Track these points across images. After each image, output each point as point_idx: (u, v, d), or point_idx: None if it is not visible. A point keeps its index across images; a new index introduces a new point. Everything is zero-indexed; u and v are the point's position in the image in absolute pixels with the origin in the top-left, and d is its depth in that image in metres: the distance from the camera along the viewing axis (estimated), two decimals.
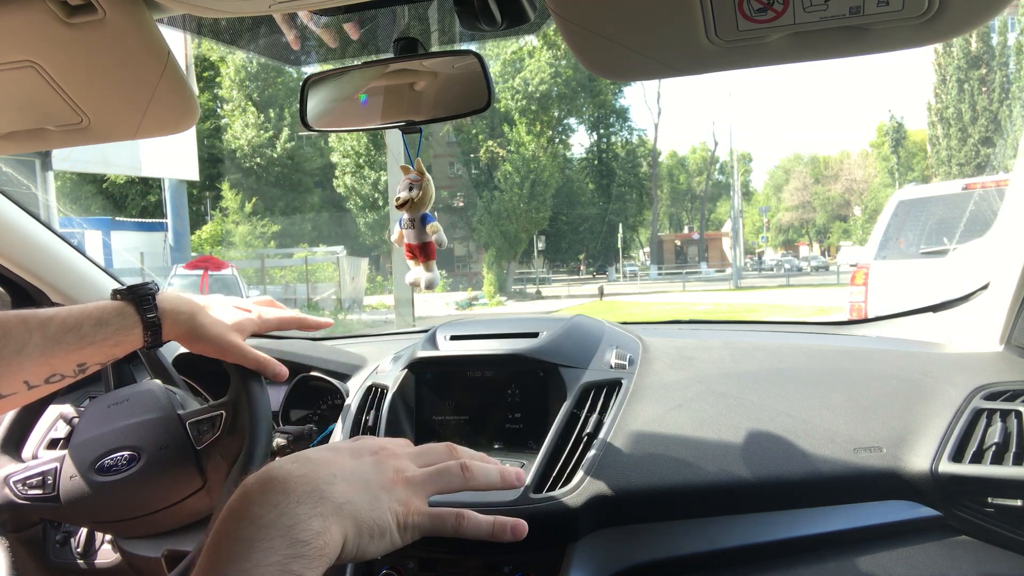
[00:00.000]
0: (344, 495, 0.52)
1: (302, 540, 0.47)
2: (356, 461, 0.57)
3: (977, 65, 29.72)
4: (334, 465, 0.55)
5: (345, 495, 0.52)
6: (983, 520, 0.86)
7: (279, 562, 0.45)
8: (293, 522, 0.47)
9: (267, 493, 0.49)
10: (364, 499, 0.53)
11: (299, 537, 0.47)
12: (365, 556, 0.53)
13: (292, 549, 0.46)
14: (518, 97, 27.94)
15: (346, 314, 18.78)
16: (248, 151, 25.81)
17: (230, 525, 0.47)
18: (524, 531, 0.62)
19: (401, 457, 0.61)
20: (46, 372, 0.78)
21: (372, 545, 0.53)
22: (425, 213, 0.97)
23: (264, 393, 0.91)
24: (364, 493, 0.54)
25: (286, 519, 0.48)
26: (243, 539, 0.46)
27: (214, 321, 0.88)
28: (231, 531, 0.47)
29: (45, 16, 0.66)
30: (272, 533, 0.46)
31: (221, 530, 0.48)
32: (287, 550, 0.46)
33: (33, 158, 8.61)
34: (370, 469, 0.57)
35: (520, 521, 0.63)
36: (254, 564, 0.44)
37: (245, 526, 0.47)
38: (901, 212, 5.12)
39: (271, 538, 0.46)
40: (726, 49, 0.64)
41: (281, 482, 0.50)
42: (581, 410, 1.01)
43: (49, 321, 0.78)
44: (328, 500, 0.51)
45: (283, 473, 0.51)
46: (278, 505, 0.48)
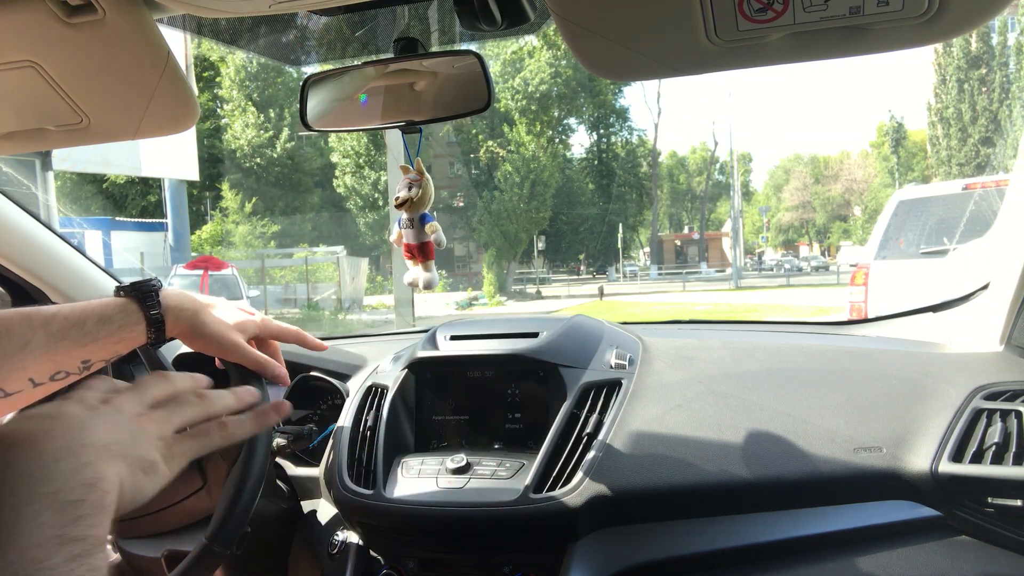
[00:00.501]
0: (104, 437, 0.48)
1: (74, 500, 0.41)
2: (92, 411, 0.52)
3: (977, 65, 29.72)
4: (75, 415, 0.49)
5: (105, 437, 0.48)
6: (983, 520, 0.86)
7: (54, 535, 0.39)
8: (56, 486, 0.41)
9: (9, 465, 0.42)
10: (125, 437, 0.50)
11: (68, 498, 0.41)
12: (144, 494, 0.50)
13: (65, 514, 0.40)
14: (518, 97, 27.94)
15: (346, 314, 18.77)
16: (248, 151, 25.81)
17: None
18: (287, 408, 0.67)
19: (127, 399, 0.56)
20: (51, 369, 0.78)
21: (147, 482, 0.50)
22: (424, 213, 0.97)
23: (265, 393, 0.91)
24: (121, 432, 0.51)
25: (46, 486, 0.41)
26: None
27: (217, 320, 0.88)
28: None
29: (45, 16, 0.66)
30: (34, 508, 0.40)
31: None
32: (59, 518, 0.40)
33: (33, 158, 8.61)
34: (112, 412, 0.53)
35: (281, 401, 0.67)
36: (21, 549, 0.38)
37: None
38: (901, 212, 5.12)
39: (35, 514, 0.39)
40: (726, 49, 0.64)
41: (22, 444, 0.43)
42: (581, 410, 1.01)
43: (53, 318, 0.78)
44: (90, 445, 0.46)
45: (21, 434, 0.44)
46: (30, 474, 0.41)
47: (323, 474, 1.13)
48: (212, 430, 0.59)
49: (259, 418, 0.64)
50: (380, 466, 1.03)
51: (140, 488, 0.50)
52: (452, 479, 0.98)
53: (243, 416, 0.63)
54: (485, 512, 0.93)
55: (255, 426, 0.63)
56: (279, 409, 0.65)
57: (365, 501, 0.99)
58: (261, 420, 0.64)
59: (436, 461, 1.02)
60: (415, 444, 1.11)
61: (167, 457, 0.54)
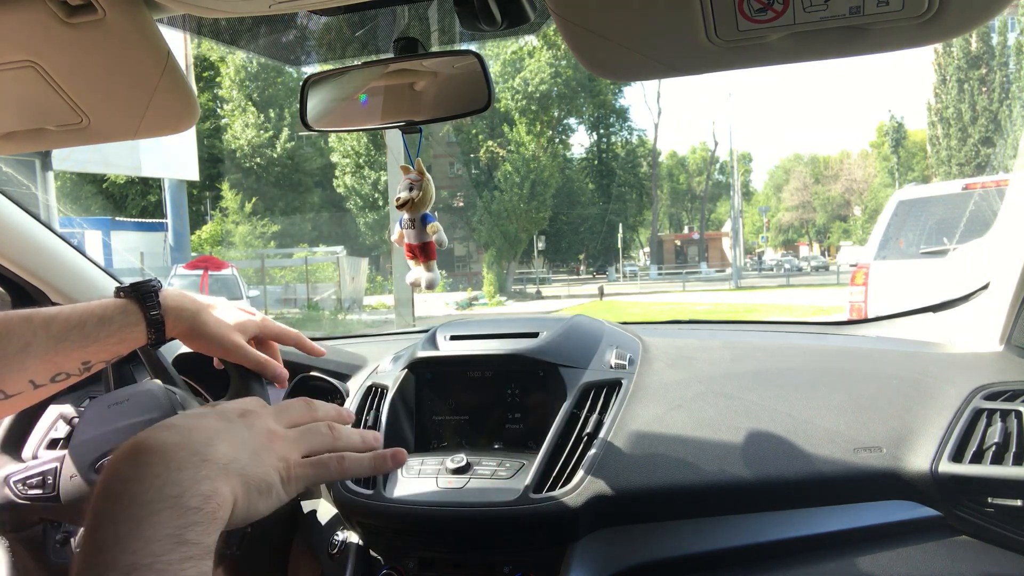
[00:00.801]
0: (226, 455, 0.51)
1: (192, 507, 0.45)
2: (227, 423, 0.56)
3: (977, 65, 29.71)
4: (207, 428, 0.53)
5: (227, 455, 0.51)
6: (983, 520, 0.86)
7: (172, 534, 0.43)
8: (179, 490, 0.45)
9: (143, 466, 0.46)
10: (246, 457, 0.53)
11: (188, 504, 0.45)
12: (257, 514, 0.52)
13: (184, 518, 0.44)
14: (518, 97, 27.94)
15: (346, 314, 18.76)
16: (248, 151, 25.81)
17: (109, 507, 0.44)
18: (404, 457, 0.66)
19: (265, 417, 0.60)
20: (51, 371, 0.78)
21: (262, 502, 0.53)
22: (425, 213, 0.97)
23: (264, 393, 0.91)
24: (244, 451, 0.53)
25: (170, 489, 0.45)
26: (125, 519, 0.43)
27: (217, 320, 0.88)
28: (111, 513, 0.44)
29: (45, 16, 0.66)
30: (158, 507, 0.44)
31: (99, 514, 0.44)
32: (178, 520, 0.44)
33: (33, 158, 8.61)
34: (244, 430, 0.56)
35: (399, 449, 0.66)
36: (144, 542, 0.42)
37: (125, 505, 0.44)
38: (901, 212, 5.12)
39: (158, 512, 0.44)
40: (726, 49, 0.64)
41: (157, 451, 0.48)
42: (581, 410, 1.01)
43: (53, 319, 0.78)
44: (211, 462, 0.49)
45: (156, 443, 0.49)
46: (159, 476, 0.46)
47: None
48: (331, 463, 0.60)
49: (377, 461, 0.64)
50: None
51: (254, 507, 0.52)
52: (452, 479, 0.98)
53: (363, 456, 0.63)
54: (485, 512, 0.93)
55: (371, 468, 0.63)
56: (396, 458, 0.65)
57: (365, 501, 0.99)
58: (379, 464, 0.64)
59: (436, 461, 1.02)
60: (415, 444, 1.11)
61: (285, 481, 0.56)
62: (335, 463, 0.60)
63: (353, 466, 0.61)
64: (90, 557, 0.42)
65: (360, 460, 0.62)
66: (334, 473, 0.60)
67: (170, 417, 0.57)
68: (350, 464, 0.61)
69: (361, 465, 0.62)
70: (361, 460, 0.62)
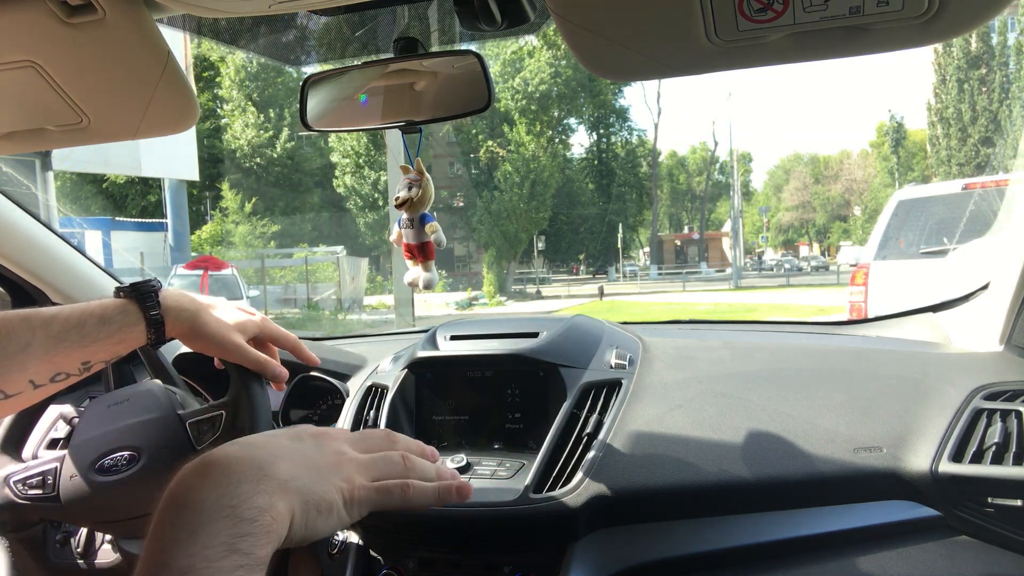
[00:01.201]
0: (287, 472, 0.52)
1: (247, 518, 0.47)
2: (298, 443, 0.57)
3: (977, 65, 29.71)
4: (274, 446, 0.55)
5: (288, 472, 0.52)
6: (983, 520, 0.86)
7: (225, 542, 0.45)
8: (236, 501, 0.47)
9: (207, 476, 0.49)
10: (308, 476, 0.54)
11: (244, 515, 0.47)
12: (316, 533, 0.53)
13: (238, 528, 0.46)
14: (518, 97, 27.94)
15: (346, 314, 18.76)
16: (248, 151, 25.81)
17: (172, 512, 0.47)
18: (470, 492, 0.64)
19: (341, 441, 0.61)
20: (51, 371, 0.78)
21: (321, 521, 0.53)
22: (424, 213, 0.97)
23: (264, 393, 0.91)
24: (308, 471, 0.54)
25: (228, 499, 0.47)
26: (185, 524, 0.45)
27: (216, 320, 0.88)
28: (173, 518, 0.46)
29: (45, 16, 0.66)
30: (216, 515, 0.46)
31: (162, 518, 0.47)
32: (233, 529, 0.46)
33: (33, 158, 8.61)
34: (312, 450, 0.57)
35: (465, 483, 0.65)
36: (200, 547, 0.44)
37: (187, 511, 0.46)
38: (901, 212, 5.12)
39: (215, 520, 0.46)
40: (726, 49, 0.64)
41: (221, 465, 0.50)
42: (581, 410, 1.01)
43: (52, 320, 0.78)
44: (271, 477, 0.51)
45: (222, 456, 0.51)
46: (219, 486, 0.48)
47: None
48: (395, 489, 0.59)
49: (442, 492, 0.63)
50: None
51: (313, 526, 0.52)
52: None
53: (428, 485, 0.62)
54: (485, 512, 0.93)
55: (435, 498, 0.62)
56: (462, 492, 0.64)
57: None
58: (443, 495, 0.63)
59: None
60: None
61: (347, 503, 0.56)
62: (399, 489, 0.59)
63: (417, 495, 0.60)
64: (151, 556, 0.45)
65: (424, 489, 0.61)
66: (397, 499, 0.59)
67: (248, 436, 0.58)
68: (414, 492, 0.60)
69: (425, 494, 0.61)
70: (425, 489, 0.61)
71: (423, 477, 0.63)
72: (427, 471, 0.64)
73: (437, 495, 0.62)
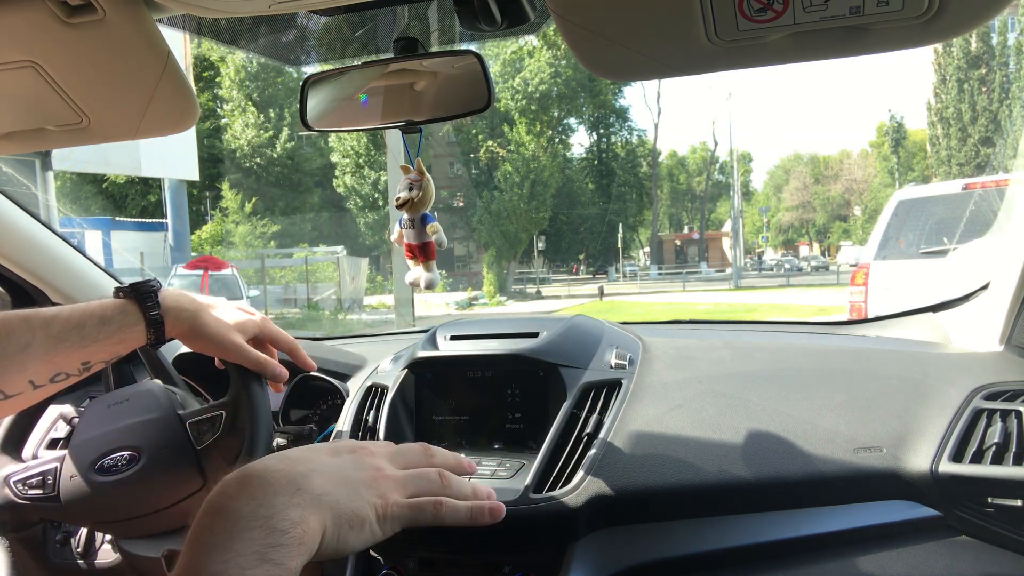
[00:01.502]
0: (321, 487, 0.53)
1: (280, 529, 0.48)
2: (335, 458, 0.59)
3: (977, 65, 29.71)
4: (312, 461, 0.56)
5: (322, 487, 0.54)
6: (983, 520, 0.86)
7: (258, 551, 0.46)
8: (271, 512, 0.49)
9: (245, 487, 0.50)
10: (343, 492, 0.55)
11: (277, 527, 0.48)
12: (347, 547, 0.54)
13: (271, 538, 0.48)
14: (518, 97, 27.93)
15: (346, 314, 18.75)
16: (248, 151, 25.80)
17: (210, 519, 0.49)
18: (502, 513, 0.64)
19: (379, 456, 0.62)
20: (51, 371, 0.79)
21: (353, 536, 0.54)
22: (425, 213, 0.97)
23: (264, 393, 0.91)
24: (343, 486, 0.55)
25: (263, 510, 0.49)
26: (222, 531, 0.47)
27: (216, 320, 0.88)
28: (211, 524, 0.48)
29: (45, 16, 0.66)
30: (251, 524, 0.48)
31: (201, 524, 0.49)
32: (266, 539, 0.47)
33: (33, 158, 8.61)
34: (349, 465, 0.58)
35: (498, 504, 0.65)
36: (234, 554, 0.46)
37: (224, 519, 0.48)
38: (901, 212, 5.12)
39: (250, 529, 0.47)
40: (726, 49, 0.64)
41: (259, 477, 0.52)
42: (581, 410, 1.01)
43: (52, 320, 0.78)
44: (305, 491, 0.52)
45: (261, 468, 0.53)
46: (256, 498, 0.50)
47: None
48: (428, 507, 0.60)
49: (474, 512, 0.62)
50: None
51: (344, 539, 0.54)
52: None
53: (460, 504, 0.62)
54: None
55: (467, 518, 0.62)
56: (494, 513, 0.63)
57: None
58: (475, 515, 0.62)
59: None
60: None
61: (380, 518, 0.56)
62: (432, 507, 0.60)
63: (450, 513, 0.60)
64: (188, 560, 0.47)
65: (456, 508, 0.61)
66: (430, 517, 0.60)
67: (288, 449, 0.60)
68: (447, 511, 0.60)
69: (457, 513, 0.61)
70: (458, 508, 0.61)
71: (459, 494, 0.63)
72: (463, 489, 0.64)
73: (469, 515, 0.62)
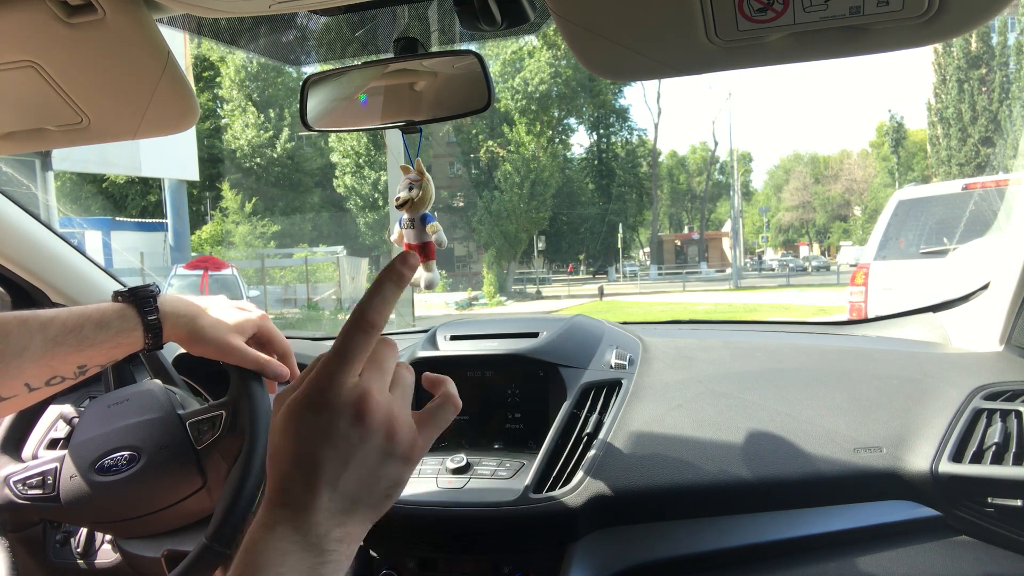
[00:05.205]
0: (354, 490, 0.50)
1: (327, 550, 0.47)
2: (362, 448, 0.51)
3: (977, 65, 29.71)
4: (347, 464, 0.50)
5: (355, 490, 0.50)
6: (983, 520, 0.86)
7: (308, 569, 0.46)
8: (319, 535, 0.48)
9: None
10: (372, 498, 0.51)
11: (324, 548, 0.47)
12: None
13: (319, 557, 0.47)
14: (518, 97, 27.92)
15: (346, 314, 18.70)
16: (248, 151, 25.80)
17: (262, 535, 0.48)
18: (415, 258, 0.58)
19: (406, 429, 0.54)
20: (47, 374, 0.78)
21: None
22: (425, 213, 0.97)
23: (264, 393, 0.91)
24: (370, 491, 0.51)
25: (311, 536, 0.48)
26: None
27: (215, 323, 0.88)
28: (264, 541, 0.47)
29: (45, 16, 0.66)
30: (301, 544, 0.47)
31: (253, 539, 0.48)
32: (314, 559, 0.47)
33: (33, 158, 8.61)
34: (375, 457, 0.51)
35: (409, 252, 0.58)
36: (288, 573, 0.45)
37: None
38: (901, 212, 5.12)
39: (302, 550, 0.47)
40: (726, 49, 0.64)
41: None
42: (581, 410, 1.01)
43: (50, 323, 0.78)
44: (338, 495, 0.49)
45: None
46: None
47: None
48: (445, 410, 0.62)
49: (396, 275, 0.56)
50: None
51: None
52: (452, 479, 0.98)
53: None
54: (485, 512, 0.93)
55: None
56: (405, 258, 0.56)
57: None
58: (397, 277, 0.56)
59: (436, 461, 1.02)
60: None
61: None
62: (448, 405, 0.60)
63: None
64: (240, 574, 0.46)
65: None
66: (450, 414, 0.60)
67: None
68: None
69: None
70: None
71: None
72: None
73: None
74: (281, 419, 0.50)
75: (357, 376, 0.51)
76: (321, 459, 0.49)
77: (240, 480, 0.83)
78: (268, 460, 0.51)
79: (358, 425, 0.50)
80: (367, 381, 0.52)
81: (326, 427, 0.49)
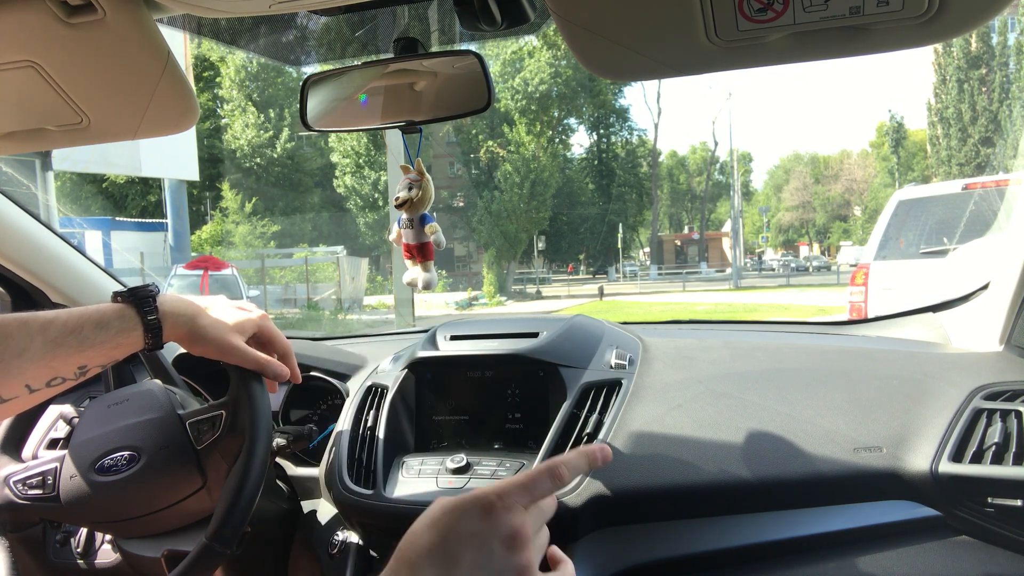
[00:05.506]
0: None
1: None
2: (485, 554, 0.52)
3: (977, 65, 29.70)
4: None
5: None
6: (983, 520, 0.86)
7: None
8: None
9: None
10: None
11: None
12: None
13: None
14: (518, 97, 27.92)
15: (346, 314, 18.75)
16: (248, 151, 25.80)
17: None
18: (610, 454, 0.61)
19: (526, 540, 0.54)
20: (47, 375, 0.78)
21: None
22: (424, 213, 0.97)
23: (264, 393, 0.91)
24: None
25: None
26: None
27: (214, 323, 0.88)
28: None
29: (45, 16, 0.66)
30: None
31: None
32: None
33: (33, 158, 8.62)
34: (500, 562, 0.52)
35: (604, 445, 0.62)
36: None
37: None
38: (901, 212, 5.12)
39: None
40: (726, 49, 0.64)
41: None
42: (581, 410, 1.01)
43: (50, 324, 0.78)
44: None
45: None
46: None
47: (323, 474, 1.13)
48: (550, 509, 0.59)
49: (589, 460, 0.59)
50: (380, 466, 1.03)
51: None
52: (452, 479, 0.98)
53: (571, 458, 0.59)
54: None
55: (586, 465, 0.59)
56: (604, 453, 0.60)
57: (365, 501, 0.99)
58: (591, 461, 0.59)
59: (436, 461, 1.02)
60: (415, 444, 1.11)
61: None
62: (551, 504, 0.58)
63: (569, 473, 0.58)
64: None
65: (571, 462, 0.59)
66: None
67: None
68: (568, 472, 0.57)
69: (577, 468, 0.59)
70: (573, 462, 0.58)
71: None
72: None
73: (587, 462, 0.59)
74: (444, 509, 0.54)
75: (525, 510, 0.55)
76: (461, 559, 0.51)
77: (240, 480, 0.83)
78: (407, 535, 0.53)
79: (507, 551, 0.52)
80: (531, 520, 0.55)
81: (482, 534, 0.52)
